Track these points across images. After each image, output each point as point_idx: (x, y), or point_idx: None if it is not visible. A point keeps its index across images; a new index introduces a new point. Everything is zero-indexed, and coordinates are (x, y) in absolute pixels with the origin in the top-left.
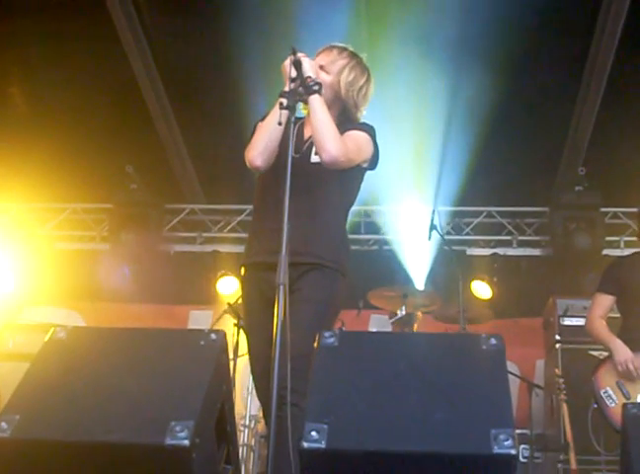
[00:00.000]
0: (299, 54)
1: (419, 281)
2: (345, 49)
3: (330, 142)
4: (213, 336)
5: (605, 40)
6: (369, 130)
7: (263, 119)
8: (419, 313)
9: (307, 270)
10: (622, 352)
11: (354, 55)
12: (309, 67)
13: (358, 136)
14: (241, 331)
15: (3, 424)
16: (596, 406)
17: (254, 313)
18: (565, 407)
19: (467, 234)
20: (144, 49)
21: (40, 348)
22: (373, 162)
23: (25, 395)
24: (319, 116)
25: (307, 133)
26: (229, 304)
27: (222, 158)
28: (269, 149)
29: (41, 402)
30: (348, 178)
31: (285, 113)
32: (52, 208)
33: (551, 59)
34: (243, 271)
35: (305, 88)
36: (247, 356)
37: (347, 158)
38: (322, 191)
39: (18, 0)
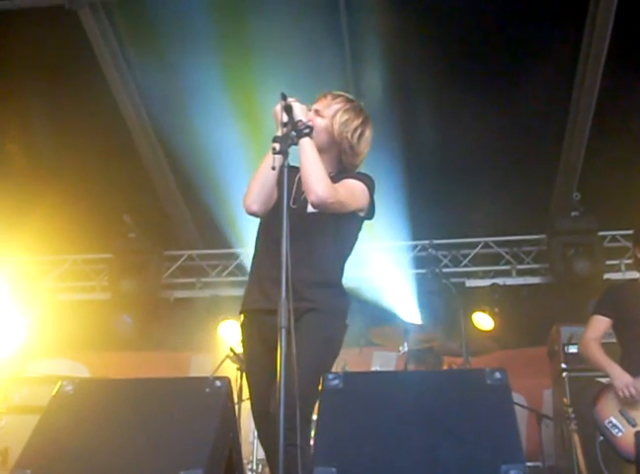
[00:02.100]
0: (289, 99)
1: (414, 317)
2: (340, 95)
3: (317, 184)
4: (218, 383)
5: (592, 64)
6: (366, 180)
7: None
8: (422, 351)
9: (304, 312)
10: (622, 377)
11: (349, 100)
12: (300, 111)
13: (352, 184)
14: (244, 375)
15: None
16: (602, 438)
17: (255, 357)
18: (576, 437)
19: (465, 266)
20: (137, 103)
21: (48, 402)
22: (370, 211)
23: (35, 450)
24: (308, 158)
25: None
26: (231, 349)
27: (217, 202)
28: (263, 194)
29: (52, 456)
30: (344, 227)
31: (279, 157)
32: (53, 260)
33: (539, 85)
34: (242, 317)
35: (296, 132)
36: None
37: (336, 200)
38: (319, 239)
39: (15, 59)
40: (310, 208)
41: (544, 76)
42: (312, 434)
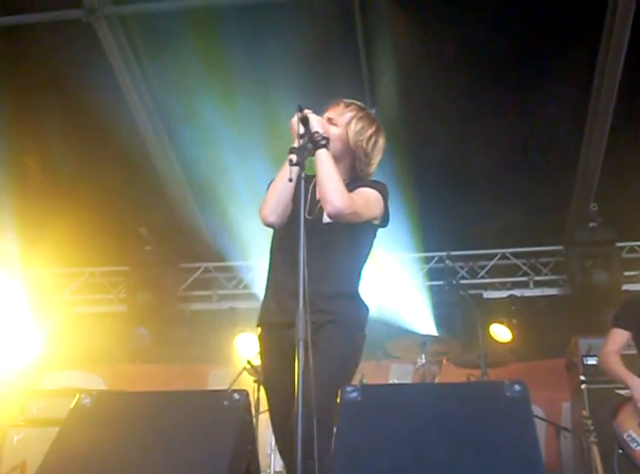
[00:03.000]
0: (306, 111)
1: (431, 329)
2: (352, 103)
3: (334, 194)
4: (236, 396)
5: (609, 75)
6: (380, 188)
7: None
8: (439, 363)
9: (323, 323)
10: None
11: (361, 108)
12: (316, 123)
13: (367, 193)
14: (261, 387)
15: None
16: (621, 451)
17: (273, 370)
18: (595, 450)
19: (482, 277)
20: (153, 116)
21: (67, 414)
22: (384, 219)
23: (53, 462)
24: (325, 169)
25: (319, 194)
26: (248, 361)
27: (233, 215)
28: (280, 206)
29: (70, 469)
30: (359, 236)
31: (296, 169)
32: (70, 273)
33: (556, 96)
34: (260, 330)
35: (313, 143)
36: (267, 413)
37: (352, 211)
38: (335, 250)
39: (32, 72)
40: (326, 219)
41: (561, 87)
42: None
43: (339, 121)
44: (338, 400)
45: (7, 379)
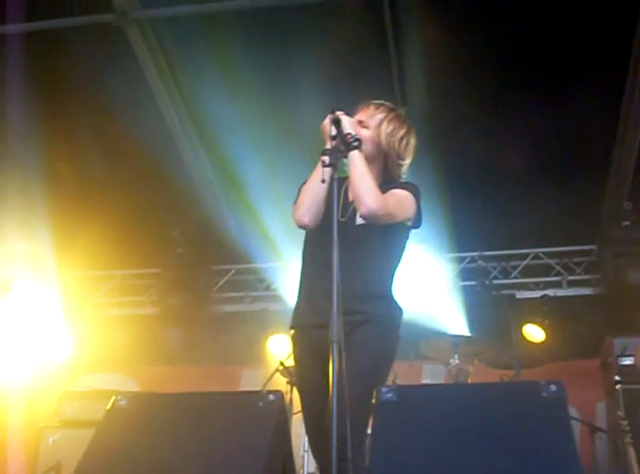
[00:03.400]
0: (338, 112)
1: (463, 329)
2: (382, 104)
3: (368, 196)
4: (271, 397)
5: None
6: (413, 189)
7: (305, 183)
8: (472, 363)
9: (358, 323)
10: None
11: (391, 109)
12: (348, 124)
13: (400, 194)
14: (294, 389)
15: None
16: None
17: (307, 372)
18: (632, 450)
19: (515, 277)
20: (184, 120)
21: (103, 416)
22: (417, 220)
23: (90, 463)
24: (358, 170)
25: (352, 196)
26: (281, 362)
27: (266, 216)
28: (314, 207)
29: (106, 470)
30: (392, 237)
31: (328, 170)
32: (102, 276)
33: (589, 93)
34: (293, 331)
35: (345, 145)
36: (301, 414)
37: (386, 212)
38: (369, 251)
39: (63, 77)
40: (359, 220)
41: (594, 84)
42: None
43: (370, 124)
44: (373, 401)
45: (42, 381)
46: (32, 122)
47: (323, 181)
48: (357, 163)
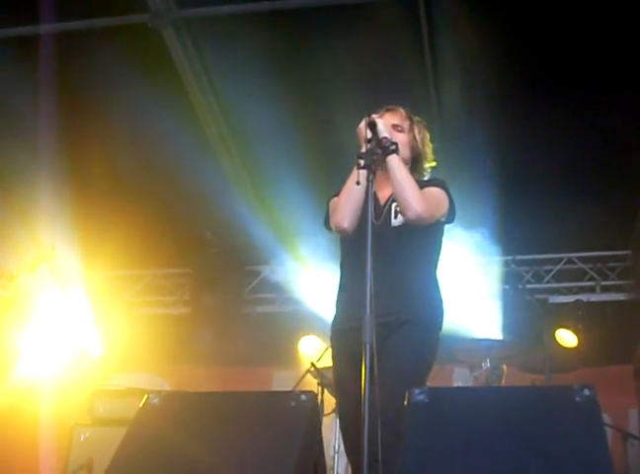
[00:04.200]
0: (374, 116)
1: (496, 333)
2: (406, 109)
3: (414, 200)
4: (304, 397)
5: None
6: (443, 184)
7: (337, 195)
8: (504, 367)
9: (397, 325)
10: None
11: (412, 115)
12: (384, 128)
13: (435, 192)
14: (325, 390)
15: None
16: None
17: (343, 373)
18: None
19: (548, 282)
20: (219, 121)
21: (136, 414)
22: (451, 215)
23: (123, 461)
24: (400, 175)
25: (383, 197)
26: (312, 364)
27: (300, 218)
28: (353, 211)
29: (139, 468)
30: (429, 235)
31: (364, 173)
32: (134, 275)
33: (627, 97)
34: (332, 333)
35: (382, 148)
36: (332, 416)
37: (430, 214)
38: (406, 252)
39: (97, 78)
40: (394, 222)
41: (632, 88)
42: None
43: (403, 128)
44: (405, 402)
45: (74, 379)
46: (64, 124)
47: (358, 183)
48: (397, 167)
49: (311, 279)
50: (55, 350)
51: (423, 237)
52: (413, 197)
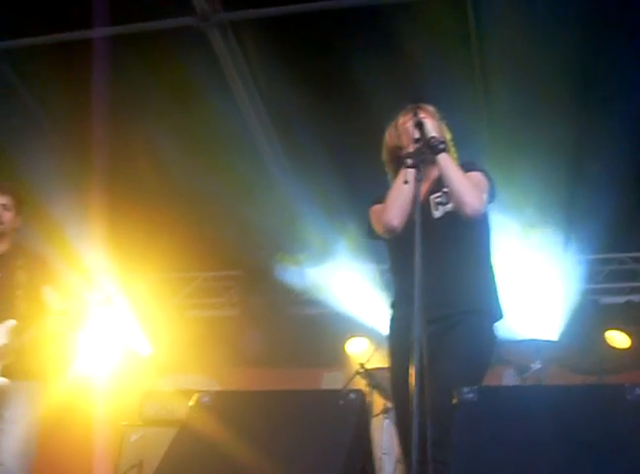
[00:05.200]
0: (421, 115)
1: (553, 333)
2: (431, 106)
3: (471, 196)
4: (352, 396)
5: None
6: (480, 167)
7: (377, 202)
8: (554, 368)
9: (453, 323)
10: None
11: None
12: (432, 127)
13: (477, 177)
14: (374, 391)
15: None
16: None
17: (396, 371)
18: None
19: (600, 282)
20: (265, 123)
21: (186, 413)
22: (492, 195)
23: (174, 461)
24: (453, 173)
25: (422, 192)
26: (361, 365)
27: (347, 219)
28: (402, 209)
29: (189, 467)
30: (476, 222)
31: (412, 172)
32: (183, 278)
33: None
34: (390, 331)
35: (431, 148)
36: (380, 417)
37: (484, 204)
38: (454, 243)
39: (144, 80)
40: (436, 214)
41: None
42: None
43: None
44: (454, 401)
45: (125, 381)
46: (114, 125)
47: (406, 182)
48: (450, 166)
49: (357, 280)
50: (107, 352)
51: (469, 224)
52: (470, 194)
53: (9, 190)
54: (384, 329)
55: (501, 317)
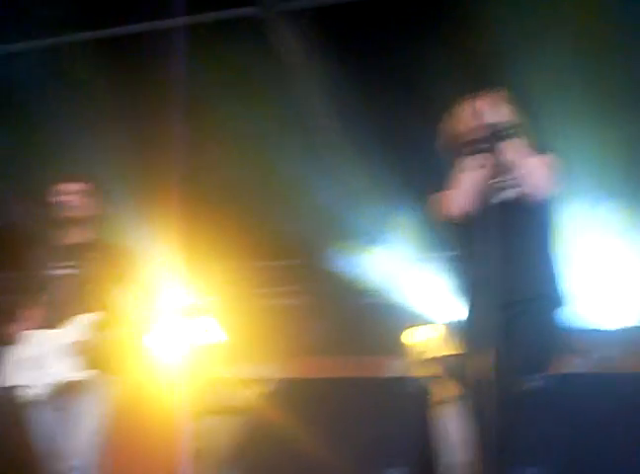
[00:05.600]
0: (486, 101)
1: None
2: (500, 92)
3: (538, 181)
4: (419, 383)
5: None
6: (545, 149)
7: (440, 189)
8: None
9: (520, 311)
10: None
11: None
12: (497, 113)
13: (543, 161)
14: (437, 379)
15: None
16: None
17: (466, 357)
18: None
19: None
20: (331, 116)
21: (255, 400)
22: (560, 178)
23: (244, 447)
24: (520, 158)
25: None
26: (424, 353)
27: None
28: (466, 196)
29: (263, 450)
30: (539, 206)
31: (476, 159)
32: (254, 267)
33: None
34: (457, 318)
35: (495, 134)
36: (444, 405)
37: (551, 189)
38: (516, 228)
39: (205, 72)
40: (500, 200)
41: None
42: None
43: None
44: (523, 388)
45: (191, 370)
46: (182, 117)
47: (470, 169)
48: (515, 151)
49: (419, 268)
50: (179, 340)
51: (534, 209)
52: (537, 179)
53: (85, 178)
54: (449, 317)
55: (566, 303)
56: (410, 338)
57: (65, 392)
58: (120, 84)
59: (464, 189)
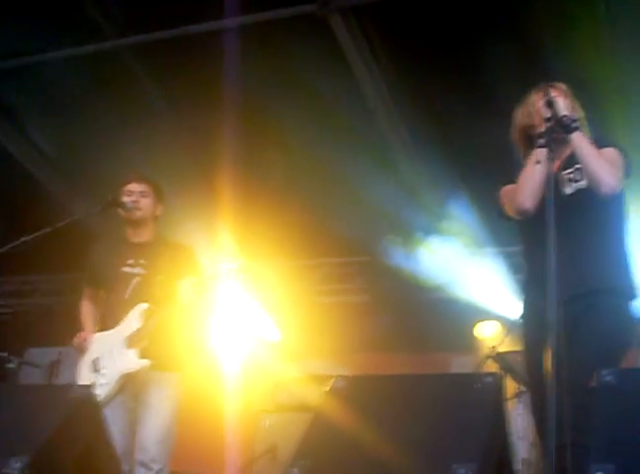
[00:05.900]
0: (552, 94)
1: None
2: (563, 84)
3: (608, 175)
4: (489, 378)
5: None
6: (613, 141)
7: (508, 182)
8: None
9: (588, 304)
10: None
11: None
12: (564, 106)
13: (611, 153)
14: (506, 375)
15: (295, 469)
16: None
17: (534, 352)
18: None
19: None
20: (392, 112)
21: (322, 397)
22: (627, 171)
23: (312, 442)
24: (588, 151)
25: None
26: (493, 348)
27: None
28: (534, 190)
29: (326, 451)
30: (608, 199)
31: (544, 152)
32: (313, 264)
33: None
34: (525, 313)
35: (563, 126)
36: (513, 400)
37: (619, 182)
38: (584, 220)
39: (265, 70)
40: (567, 191)
41: None
42: None
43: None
44: (593, 383)
45: (256, 367)
46: (240, 115)
47: (538, 162)
48: (583, 144)
49: (485, 263)
50: (239, 338)
51: (602, 202)
52: (605, 172)
53: (146, 178)
54: (515, 312)
55: (637, 296)
56: (479, 333)
57: (130, 384)
58: (179, 84)
59: (536, 180)
